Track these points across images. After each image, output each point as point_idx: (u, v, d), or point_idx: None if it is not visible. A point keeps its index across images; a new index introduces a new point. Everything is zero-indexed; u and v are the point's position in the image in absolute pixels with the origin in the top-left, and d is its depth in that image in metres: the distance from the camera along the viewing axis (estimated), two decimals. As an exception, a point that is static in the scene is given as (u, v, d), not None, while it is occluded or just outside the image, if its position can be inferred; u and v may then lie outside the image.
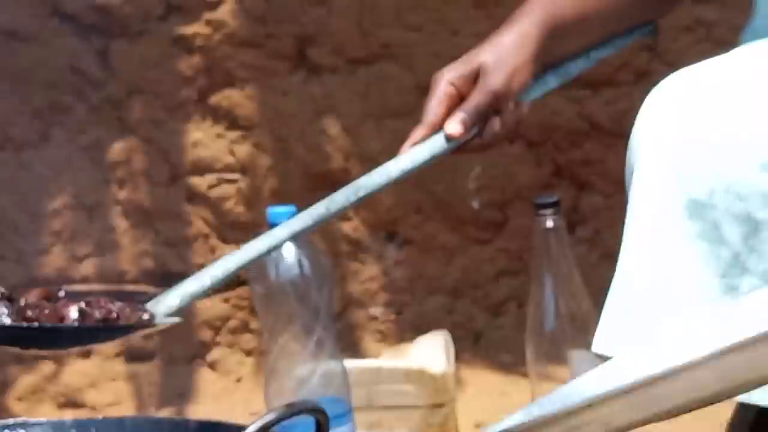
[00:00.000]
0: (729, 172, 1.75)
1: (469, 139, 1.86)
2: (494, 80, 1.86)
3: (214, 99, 2.81)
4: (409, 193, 2.78)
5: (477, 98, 1.85)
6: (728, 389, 1.40)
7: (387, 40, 2.76)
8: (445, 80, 1.87)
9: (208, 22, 2.79)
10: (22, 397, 2.85)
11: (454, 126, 1.85)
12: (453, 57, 2.72)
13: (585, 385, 1.57)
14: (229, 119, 2.81)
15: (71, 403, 2.84)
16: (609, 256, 1.85)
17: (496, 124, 1.87)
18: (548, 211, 2.35)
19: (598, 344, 1.74)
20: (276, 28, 2.77)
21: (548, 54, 1.92)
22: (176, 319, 1.72)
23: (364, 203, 2.75)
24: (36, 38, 2.82)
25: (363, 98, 2.77)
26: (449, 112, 1.86)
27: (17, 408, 2.82)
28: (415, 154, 1.86)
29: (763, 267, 1.71)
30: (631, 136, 1.83)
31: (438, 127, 1.86)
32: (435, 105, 1.86)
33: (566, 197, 2.64)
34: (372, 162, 2.76)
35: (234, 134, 2.82)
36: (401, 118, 2.75)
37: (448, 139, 1.85)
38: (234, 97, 2.80)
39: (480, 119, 1.86)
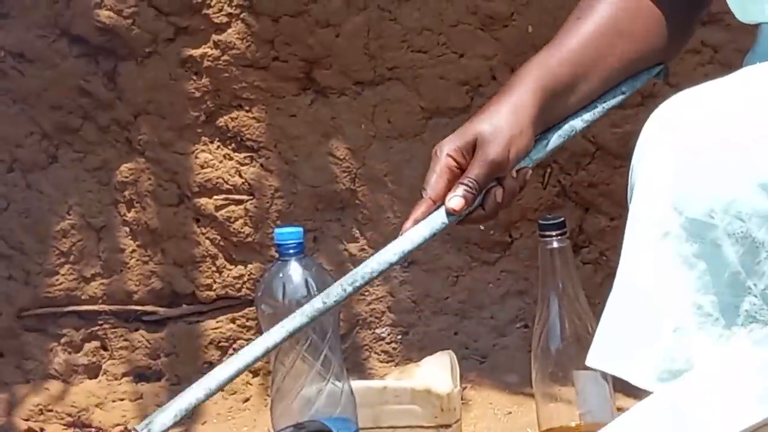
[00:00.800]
0: (728, 192, 1.75)
1: (471, 211, 1.85)
2: (492, 150, 1.84)
3: (222, 120, 2.81)
4: (416, 213, 2.78)
5: (476, 170, 1.83)
6: None
7: (393, 63, 2.76)
8: (444, 153, 1.85)
9: (216, 44, 2.79)
10: (29, 417, 2.85)
11: (456, 200, 1.82)
12: (459, 79, 2.75)
13: None
14: (237, 141, 2.81)
15: (78, 423, 2.84)
16: (614, 277, 1.85)
17: (498, 194, 1.86)
18: (554, 233, 2.36)
19: (593, 359, 1.74)
20: (283, 50, 2.77)
21: (549, 115, 1.92)
22: None
23: (371, 221, 2.78)
24: (44, 60, 2.83)
25: (370, 120, 2.77)
26: (450, 186, 1.84)
27: (24, 428, 2.82)
28: (414, 234, 1.84)
29: (763, 286, 1.71)
30: (633, 154, 1.84)
31: (439, 201, 1.85)
32: (435, 179, 1.84)
33: (571, 218, 2.65)
34: (379, 183, 2.78)
35: (241, 155, 2.81)
36: (408, 139, 2.76)
37: (450, 214, 1.83)
38: (241, 119, 2.80)
39: (481, 191, 1.85)
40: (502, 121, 1.87)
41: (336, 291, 1.83)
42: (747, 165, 1.74)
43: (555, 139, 1.92)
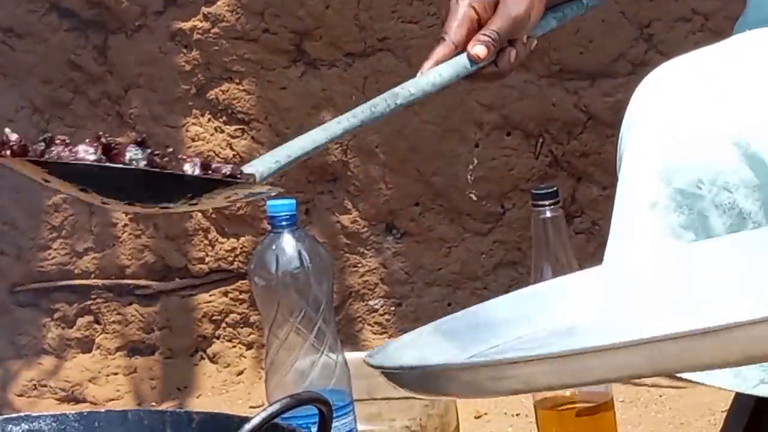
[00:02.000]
0: (716, 163, 1.76)
1: (487, 64, 1.84)
2: (516, 8, 1.82)
3: (213, 93, 2.82)
4: (407, 185, 2.79)
5: (499, 23, 1.81)
6: (653, 371, 1.42)
7: (384, 34, 2.77)
8: (466, 3, 1.84)
9: (206, 17, 2.80)
10: (22, 392, 2.86)
11: (480, 48, 1.80)
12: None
13: (509, 344, 1.59)
14: (228, 113, 2.82)
15: (72, 398, 2.86)
16: (605, 245, 1.86)
17: (512, 54, 1.83)
18: (546, 202, 2.37)
19: None
20: (273, 22, 2.78)
21: None
22: (279, 189, 1.69)
23: (363, 193, 2.78)
24: (34, 34, 2.84)
25: (360, 92, 2.78)
26: (470, 35, 1.84)
27: (18, 403, 2.84)
28: (441, 70, 1.84)
29: None
30: (622, 124, 1.85)
31: (460, 48, 1.83)
32: (456, 26, 1.82)
33: (564, 188, 2.66)
34: (371, 153, 2.79)
35: (232, 128, 2.83)
36: (410, 113, 2.78)
37: (472, 60, 1.83)
38: (232, 92, 2.81)
39: (500, 45, 1.83)
40: None
41: (380, 105, 1.82)
42: (735, 137, 1.75)
43: (553, 21, 1.91)
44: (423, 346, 1.60)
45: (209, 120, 2.83)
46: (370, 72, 2.77)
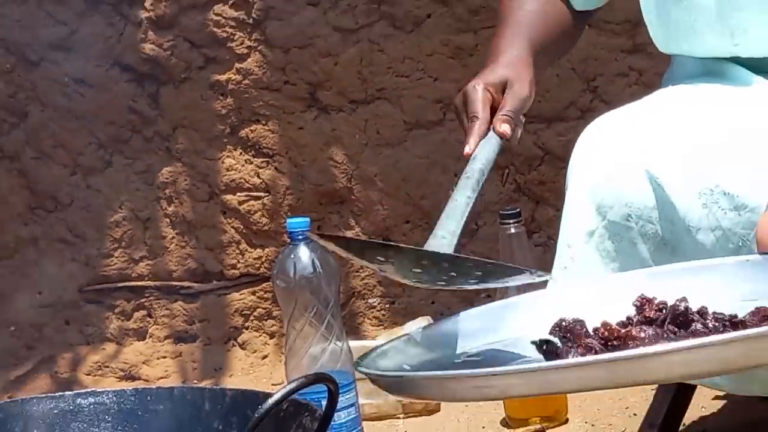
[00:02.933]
0: (642, 201, 1.76)
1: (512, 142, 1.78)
2: (522, 90, 1.77)
3: (243, 132, 2.81)
4: (400, 207, 2.78)
5: (512, 103, 1.73)
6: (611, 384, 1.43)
7: (381, 85, 2.76)
8: (482, 87, 1.79)
9: (238, 71, 2.79)
10: (89, 372, 2.86)
11: (506, 126, 1.72)
12: (434, 98, 2.75)
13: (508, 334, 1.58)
14: (255, 148, 2.81)
15: (129, 377, 2.85)
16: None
17: (518, 129, 1.78)
18: (511, 221, 2.36)
19: None
20: (292, 75, 2.78)
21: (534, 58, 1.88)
22: (548, 276, 1.66)
23: (364, 212, 2.79)
24: (100, 85, 2.83)
25: (362, 131, 2.77)
26: (493, 113, 1.79)
27: (86, 381, 2.83)
28: (486, 153, 1.72)
29: None
30: (569, 165, 1.85)
31: (488, 126, 1.78)
32: (482, 107, 1.75)
33: (525, 210, 2.64)
34: (370, 181, 2.79)
35: (259, 160, 2.82)
36: (393, 147, 2.77)
37: (501, 137, 1.76)
38: (259, 131, 2.80)
39: (516, 122, 1.78)
40: (520, 69, 1.80)
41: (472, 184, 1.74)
42: (655, 176, 1.75)
43: None
44: (400, 353, 1.59)
45: (240, 153, 2.82)
46: (370, 116, 2.77)
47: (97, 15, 2.80)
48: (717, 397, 2.34)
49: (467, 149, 1.74)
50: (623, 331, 1.45)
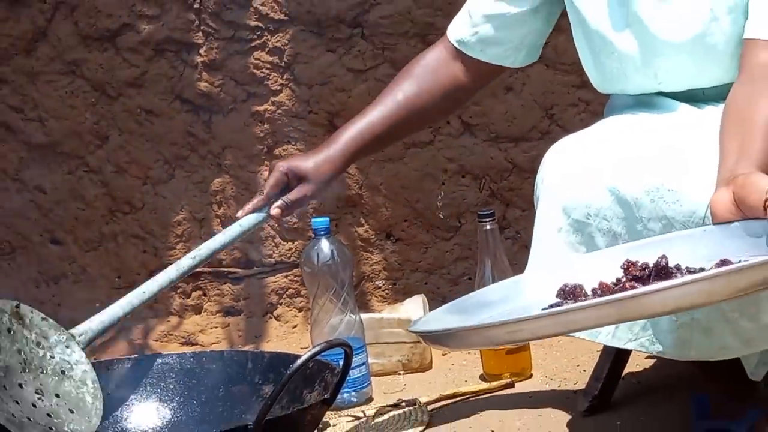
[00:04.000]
0: (599, 203, 1.76)
1: (280, 217, 1.91)
2: (310, 188, 1.89)
3: (277, 151, 2.80)
4: (400, 209, 2.77)
5: (294, 195, 1.87)
6: (603, 323, 1.42)
7: None
8: (282, 170, 1.87)
9: (273, 103, 2.78)
10: (157, 339, 2.86)
11: (276, 211, 1.87)
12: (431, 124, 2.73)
13: (512, 302, 1.58)
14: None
15: (188, 343, 2.84)
16: (525, 249, 1.86)
17: (297, 210, 1.93)
18: (487, 220, 2.36)
19: None
20: (315, 106, 2.77)
21: (353, 163, 1.98)
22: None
23: (372, 213, 2.78)
24: (165, 114, 2.83)
25: None
26: (280, 194, 1.86)
27: (155, 346, 2.83)
28: (245, 222, 1.89)
29: None
30: (537, 177, 1.85)
31: (269, 201, 1.86)
32: (271, 185, 1.88)
33: (498, 211, 2.63)
34: (377, 188, 2.79)
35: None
36: (395, 162, 2.75)
37: (271, 216, 1.88)
38: (289, 150, 2.79)
39: (290, 209, 1.89)
40: (323, 172, 1.91)
41: (188, 263, 1.91)
42: (607, 185, 1.75)
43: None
44: (439, 319, 1.59)
45: None
46: None
47: (163, 59, 2.81)
48: (649, 357, 2.33)
49: (239, 213, 1.85)
50: (617, 287, 1.46)
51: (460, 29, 1.99)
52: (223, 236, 1.85)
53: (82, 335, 1.79)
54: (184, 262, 1.87)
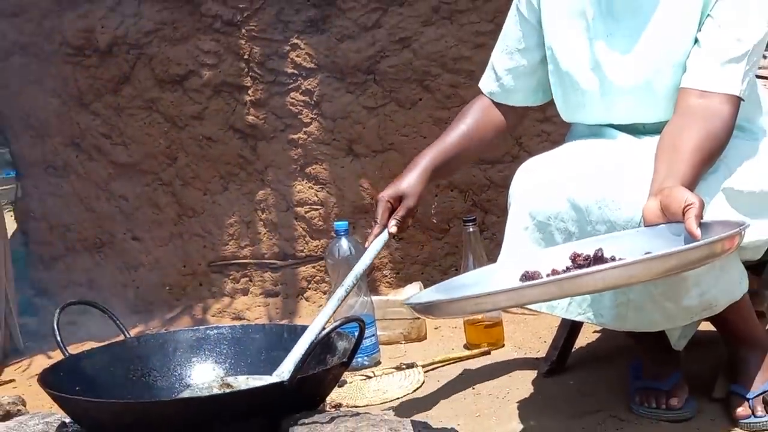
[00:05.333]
0: (557, 209, 1.77)
1: (398, 235, 1.87)
2: (410, 202, 1.86)
3: (308, 170, 2.80)
4: (402, 215, 2.77)
5: (401, 212, 1.84)
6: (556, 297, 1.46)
7: (391, 141, 2.75)
8: (385, 200, 1.85)
9: (305, 132, 2.78)
10: (214, 315, 2.85)
11: (394, 228, 1.82)
12: (423, 148, 2.74)
13: (484, 284, 1.61)
14: (315, 179, 2.80)
15: (238, 318, 2.83)
16: (499, 246, 1.86)
17: (409, 222, 1.86)
18: (470, 224, 2.38)
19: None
20: (338, 135, 2.77)
21: (433, 181, 1.91)
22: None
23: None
24: (220, 141, 2.83)
25: (380, 170, 2.76)
26: (390, 217, 1.85)
27: (211, 321, 2.82)
28: (376, 245, 1.82)
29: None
30: (509, 190, 1.85)
31: (385, 226, 1.85)
32: (382, 214, 1.86)
33: (479, 217, 2.65)
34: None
35: (317, 187, 2.80)
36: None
37: (390, 234, 1.83)
38: (317, 169, 2.79)
39: (404, 223, 1.84)
40: (414, 186, 1.87)
41: (351, 280, 1.82)
42: (562, 194, 1.76)
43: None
44: (427, 296, 1.64)
45: (306, 183, 2.81)
46: (384, 160, 2.75)
47: (220, 98, 2.81)
48: (596, 331, 2.34)
49: (367, 243, 1.85)
50: (564, 272, 1.54)
51: (488, 84, 1.97)
52: (362, 263, 1.83)
53: (283, 373, 1.74)
54: (339, 292, 1.84)
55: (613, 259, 1.53)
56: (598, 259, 1.54)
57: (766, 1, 1.75)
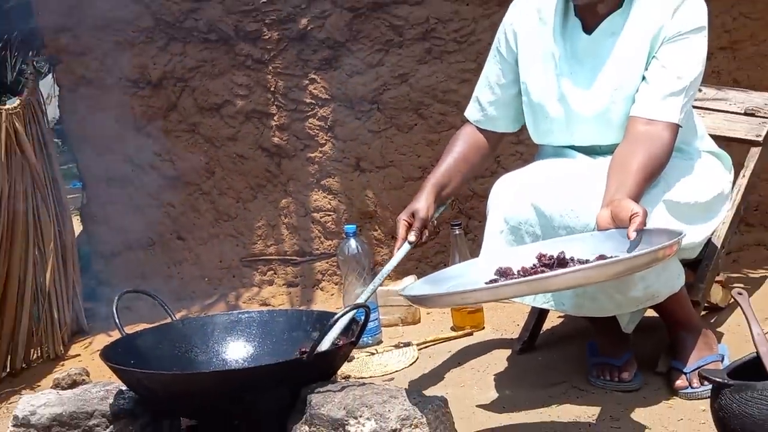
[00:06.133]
0: (526, 216, 1.78)
1: (417, 243, 1.83)
2: (422, 216, 1.83)
3: (323, 182, 2.79)
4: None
5: (417, 225, 1.82)
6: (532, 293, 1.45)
7: (392, 159, 2.74)
8: (403, 219, 1.83)
9: (320, 152, 2.77)
10: (244, 301, 2.83)
11: (412, 237, 1.81)
12: (418, 166, 2.74)
13: (466, 276, 1.61)
14: (329, 190, 2.79)
15: (264, 304, 2.82)
16: (479, 246, 1.87)
17: (426, 233, 1.84)
18: (456, 227, 2.39)
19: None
20: (347, 153, 2.76)
21: (437, 199, 1.89)
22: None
23: (382, 223, 2.77)
24: (251, 158, 2.81)
25: (383, 182, 2.75)
26: (407, 232, 1.82)
27: (242, 306, 2.81)
28: (399, 255, 1.82)
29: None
30: (488, 200, 1.87)
31: (404, 239, 1.82)
32: (401, 230, 1.83)
33: (464, 222, 2.65)
34: (387, 209, 2.76)
35: (330, 196, 2.80)
36: (397, 190, 2.74)
37: (410, 243, 1.82)
38: (330, 182, 2.78)
39: (420, 233, 1.82)
40: (423, 204, 1.85)
41: (379, 279, 1.81)
42: (529, 203, 1.77)
43: (440, 209, 1.90)
44: (418, 288, 1.64)
45: (321, 193, 2.79)
46: (386, 175, 2.73)
47: (250, 123, 2.81)
48: (559, 317, 2.34)
49: (394, 251, 1.82)
50: (532, 271, 1.55)
51: (474, 113, 1.98)
52: (387, 266, 1.82)
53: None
54: (369, 287, 1.82)
55: (572, 260, 1.54)
56: (561, 260, 1.56)
57: (701, 46, 1.77)
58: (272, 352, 1.90)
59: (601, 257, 1.51)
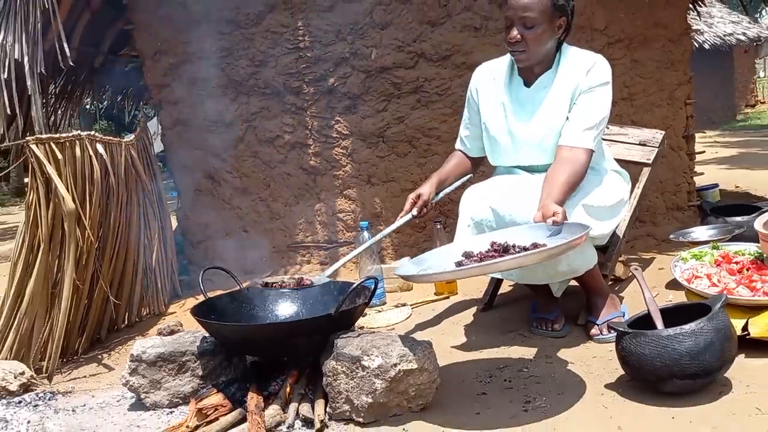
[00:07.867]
0: (486, 214, 1.78)
1: (417, 216, 1.80)
2: (424, 197, 1.81)
3: (345, 193, 2.77)
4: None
5: (420, 202, 1.80)
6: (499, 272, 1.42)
7: (393, 176, 2.72)
8: (411, 199, 1.80)
9: (343, 170, 2.74)
10: (282, 275, 2.79)
11: (415, 211, 1.79)
12: (412, 181, 2.71)
13: (442, 257, 1.58)
14: (349, 198, 2.77)
15: (298, 280, 2.63)
16: (453, 235, 1.85)
17: (425, 210, 1.81)
18: (438, 223, 2.37)
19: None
20: (363, 173, 2.73)
21: (438, 188, 1.87)
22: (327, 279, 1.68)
23: (386, 221, 2.72)
24: (294, 175, 2.78)
25: (386, 192, 2.72)
26: (412, 207, 1.80)
27: (287, 281, 2.76)
28: (402, 219, 1.79)
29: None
30: (460, 203, 1.86)
31: (407, 213, 1.79)
32: (407, 205, 1.79)
33: (443, 219, 2.61)
34: (388, 212, 2.72)
35: (350, 202, 2.77)
36: (397, 198, 2.71)
37: (413, 215, 1.79)
38: (349, 192, 2.76)
39: (421, 209, 1.80)
40: (427, 190, 1.83)
41: (381, 235, 1.77)
42: (491, 205, 1.77)
43: (439, 195, 1.89)
44: (406, 267, 1.62)
45: (344, 200, 2.76)
46: (388, 188, 2.71)
47: (294, 151, 2.76)
48: (510, 285, 2.34)
49: (397, 218, 1.77)
50: (486, 255, 1.54)
51: (458, 144, 2.00)
52: (392, 225, 1.79)
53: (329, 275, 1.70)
54: (372, 240, 1.77)
55: (514, 247, 1.56)
56: (505, 248, 1.57)
57: (607, 96, 1.80)
58: (310, 310, 1.93)
59: (535, 245, 1.55)
